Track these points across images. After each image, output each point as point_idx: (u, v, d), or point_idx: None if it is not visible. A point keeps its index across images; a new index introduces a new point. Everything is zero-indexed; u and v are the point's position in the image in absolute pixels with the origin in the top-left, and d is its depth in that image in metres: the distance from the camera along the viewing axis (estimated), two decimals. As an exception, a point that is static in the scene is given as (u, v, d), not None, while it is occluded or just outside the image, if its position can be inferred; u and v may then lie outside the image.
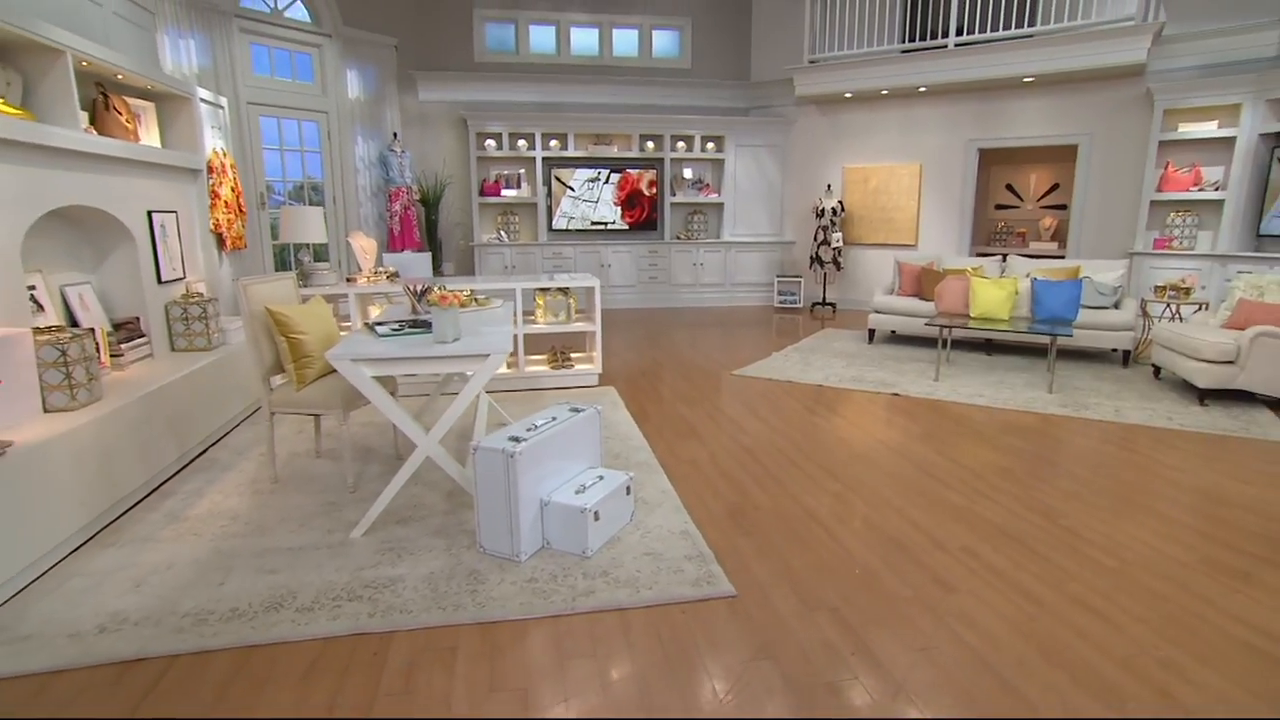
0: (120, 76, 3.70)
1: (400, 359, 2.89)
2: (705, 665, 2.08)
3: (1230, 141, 6.79)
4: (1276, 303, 5.07)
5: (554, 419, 2.96)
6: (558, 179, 9.27)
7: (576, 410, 3.09)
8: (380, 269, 5.45)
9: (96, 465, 2.90)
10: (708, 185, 9.74)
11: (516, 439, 2.68)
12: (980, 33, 7.59)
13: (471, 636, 2.23)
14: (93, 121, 3.51)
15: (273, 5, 7.34)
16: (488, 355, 2.90)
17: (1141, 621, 2.32)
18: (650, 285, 9.56)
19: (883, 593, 2.48)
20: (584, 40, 9.56)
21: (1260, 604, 2.43)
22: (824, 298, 9.03)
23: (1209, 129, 6.90)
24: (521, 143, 9.15)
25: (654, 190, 9.45)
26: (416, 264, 8.28)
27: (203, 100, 4.63)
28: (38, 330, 2.94)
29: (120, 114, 3.71)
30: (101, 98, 3.61)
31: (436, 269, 8.86)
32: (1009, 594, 2.47)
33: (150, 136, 4.17)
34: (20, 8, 3.06)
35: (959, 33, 7.71)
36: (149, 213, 4.00)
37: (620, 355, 6.46)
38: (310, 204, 8.03)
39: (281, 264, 7.72)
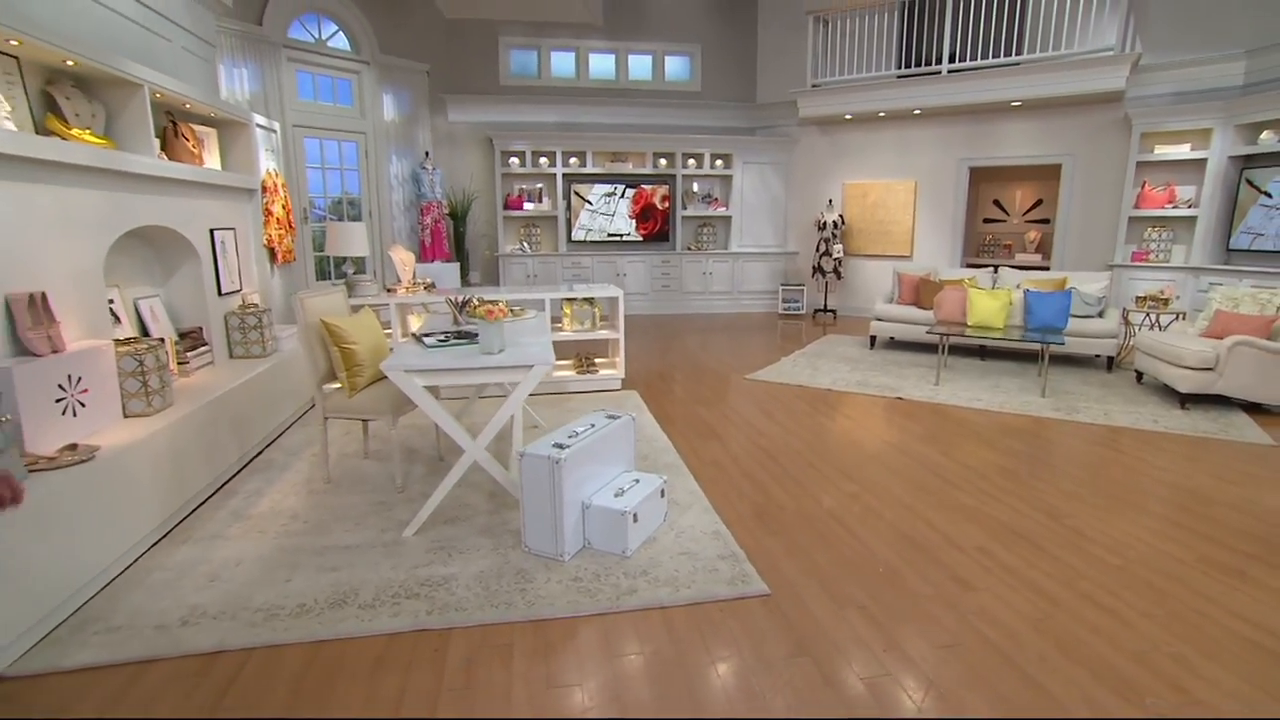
0: (188, 105, 3.69)
1: (451, 369, 2.87)
2: (749, 663, 2.06)
3: (1202, 163, 6.77)
4: (1251, 314, 5.03)
5: (593, 426, 2.93)
6: (577, 194, 9.25)
7: (613, 417, 3.07)
8: (418, 280, 5.43)
9: (170, 466, 2.89)
10: (716, 200, 9.70)
11: (560, 446, 2.66)
12: (971, 60, 7.54)
13: (525, 634, 2.21)
14: (164, 148, 3.49)
15: (317, 35, 7.33)
16: (532, 366, 2.89)
17: (1149, 618, 2.29)
18: (663, 293, 9.53)
19: (906, 590, 2.45)
20: (601, 65, 9.53)
21: (1259, 601, 2.40)
22: (825, 305, 8.98)
23: (1182, 151, 6.87)
24: (543, 160, 9.13)
25: (666, 204, 9.42)
26: (446, 273, 8.28)
27: (258, 125, 4.62)
28: (118, 341, 2.93)
29: (187, 140, 3.70)
30: (171, 125, 3.60)
31: (464, 278, 8.84)
32: (1024, 592, 2.45)
33: (212, 160, 4.15)
34: (103, 45, 3.05)
35: (951, 60, 7.67)
36: (211, 230, 3.99)
37: (638, 360, 6.43)
38: (348, 218, 8.03)
39: (321, 274, 7.72)
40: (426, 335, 3.34)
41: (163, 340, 3.29)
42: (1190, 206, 6.90)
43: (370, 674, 2.02)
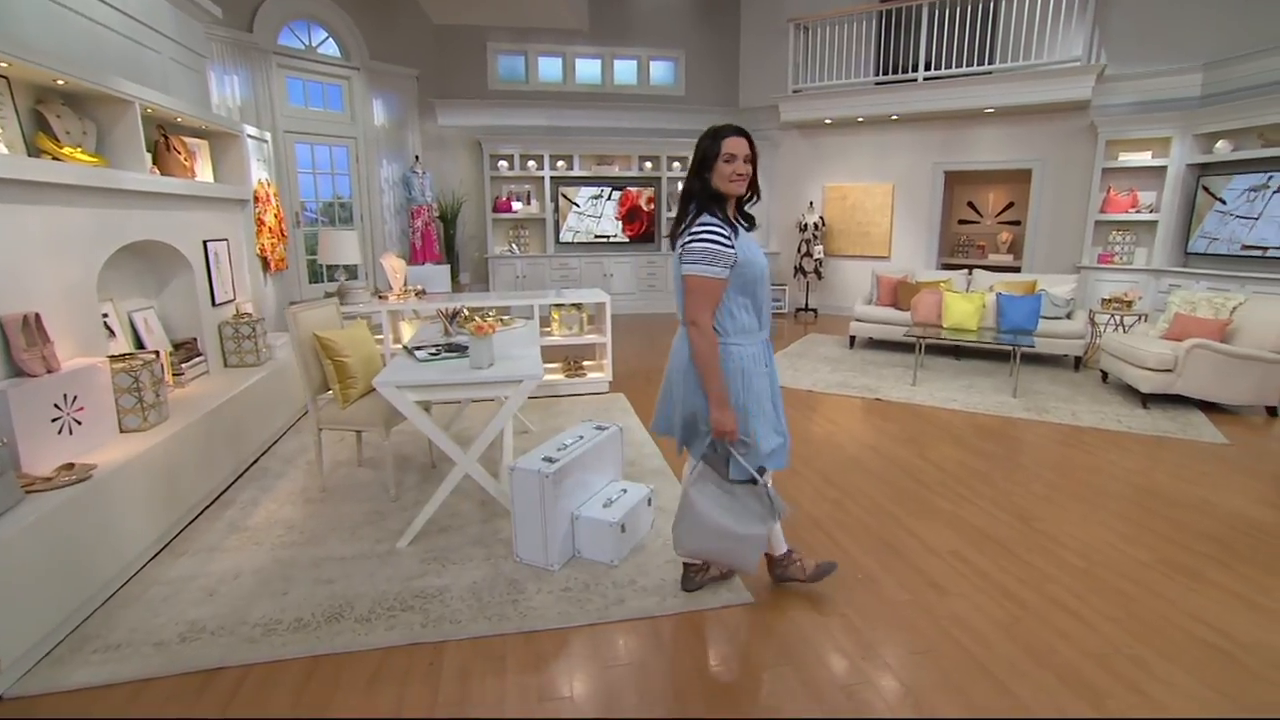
0: (179, 119, 3.62)
1: (442, 385, 2.86)
2: (734, 672, 2.08)
3: (1162, 170, 6.88)
4: (1207, 317, 5.12)
5: (581, 438, 2.94)
6: (564, 196, 9.21)
7: (601, 429, 3.07)
8: (408, 287, 5.39)
9: (168, 480, 2.86)
10: (699, 203, 9.67)
11: (550, 460, 2.66)
12: (946, 69, 7.59)
13: (518, 646, 2.21)
14: (155, 161, 3.43)
15: (307, 42, 7.21)
16: (521, 380, 2.88)
17: (1112, 621, 2.34)
18: (648, 293, 9.52)
19: (884, 597, 2.48)
20: (588, 70, 9.47)
21: (1215, 602, 2.46)
22: (806, 304, 9.02)
23: (1144, 158, 6.98)
24: (531, 163, 9.08)
25: (652, 206, 9.40)
26: (436, 275, 8.24)
27: (249, 136, 4.54)
28: (113, 358, 2.88)
29: (179, 153, 3.63)
30: (162, 139, 3.54)
31: (454, 280, 8.77)
32: (995, 596, 2.49)
33: (204, 172, 4.08)
34: (91, 61, 2.99)
35: (927, 68, 7.71)
36: (204, 242, 3.93)
37: (625, 361, 6.40)
38: (339, 222, 7.94)
39: (314, 277, 7.63)
40: (418, 348, 3.32)
41: (157, 354, 3.24)
42: (1152, 211, 7.00)
43: (367, 688, 2.02)
